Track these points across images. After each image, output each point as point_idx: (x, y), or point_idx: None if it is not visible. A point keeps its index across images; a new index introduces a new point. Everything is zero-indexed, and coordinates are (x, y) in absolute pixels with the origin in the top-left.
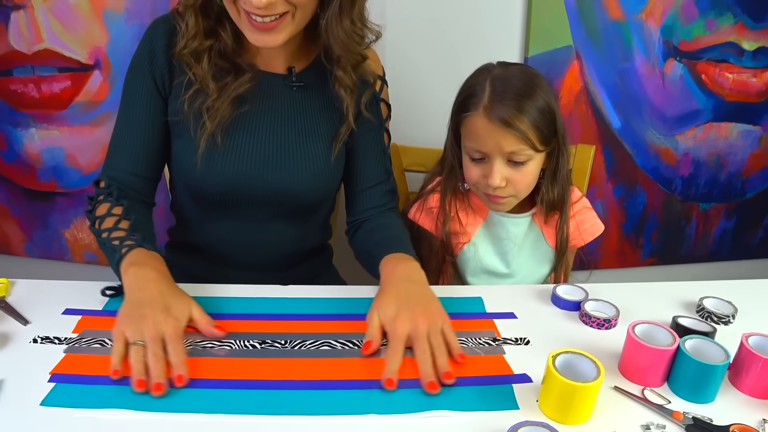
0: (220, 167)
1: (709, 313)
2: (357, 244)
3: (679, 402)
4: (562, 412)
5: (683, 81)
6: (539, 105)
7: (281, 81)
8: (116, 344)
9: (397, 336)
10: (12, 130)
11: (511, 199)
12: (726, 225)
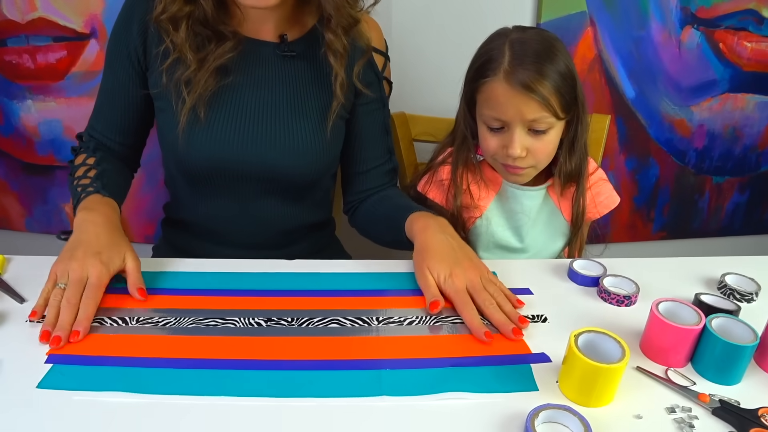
0: (202, 142)
1: (731, 290)
2: (361, 218)
3: (704, 383)
4: (585, 394)
5: (700, 50)
6: (560, 69)
7: (271, 49)
8: (47, 284)
9: (459, 291)
10: (8, 103)
11: (530, 170)
12: (739, 199)
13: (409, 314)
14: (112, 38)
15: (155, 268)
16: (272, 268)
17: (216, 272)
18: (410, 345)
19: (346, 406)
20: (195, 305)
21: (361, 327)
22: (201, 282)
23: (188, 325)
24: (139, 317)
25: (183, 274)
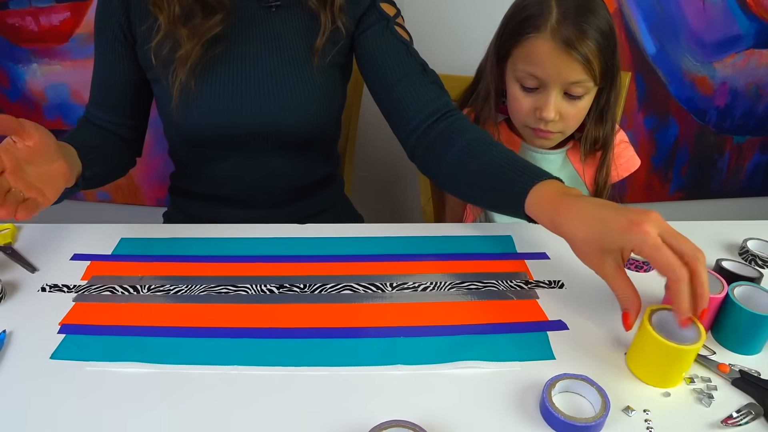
0: (198, 111)
1: (753, 256)
2: (446, 168)
3: (724, 353)
4: (655, 374)
5: (725, 3)
6: (605, 30)
7: (255, 3)
8: None
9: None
10: (13, 67)
11: (558, 135)
12: (760, 159)
13: (424, 280)
14: (96, 17)
15: (166, 234)
16: (284, 233)
17: (227, 238)
18: (425, 312)
19: (359, 375)
20: (206, 272)
21: (374, 293)
22: (212, 248)
23: (200, 292)
24: (151, 285)
25: (194, 240)
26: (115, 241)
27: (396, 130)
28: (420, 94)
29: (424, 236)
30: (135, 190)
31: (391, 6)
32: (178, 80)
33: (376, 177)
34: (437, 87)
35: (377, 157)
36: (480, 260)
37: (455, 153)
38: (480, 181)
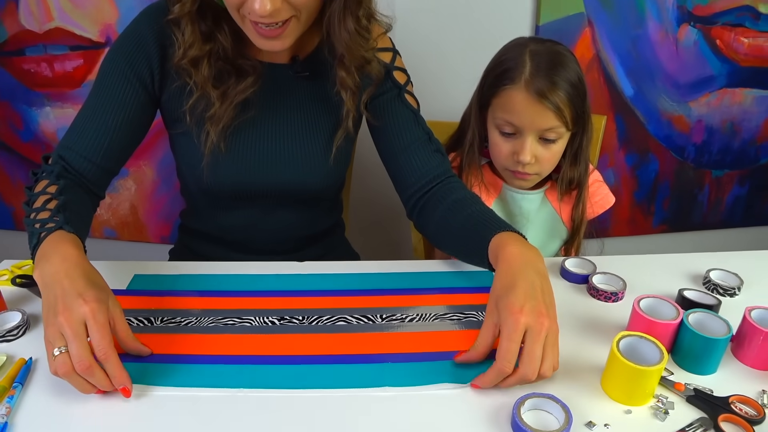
0: (224, 170)
1: (715, 285)
2: (433, 225)
3: (682, 373)
4: (627, 393)
5: (697, 47)
6: (573, 81)
7: (285, 71)
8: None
9: (518, 328)
10: (27, 110)
11: (535, 177)
12: (739, 192)
13: (411, 312)
14: (115, 54)
15: (173, 271)
16: (284, 270)
17: (231, 274)
18: (411, 340)
19: (350, 397)
20: (214, 306)
21: (366, 324)
22: (218, 284)
23: (208, 324)
24: (163, 317)
25: (201, 276)
26: (129, 277)
27: (399, 190)
28: (424, 162)
29: (411, 272)
30: (141, 227)
31: (402, 73)
32: (210, 141)
33: (371, 218)
34: (440, 155)
35: (372, 200)
36: (462, 294)
37: (441, 212)
38: (457, 236)
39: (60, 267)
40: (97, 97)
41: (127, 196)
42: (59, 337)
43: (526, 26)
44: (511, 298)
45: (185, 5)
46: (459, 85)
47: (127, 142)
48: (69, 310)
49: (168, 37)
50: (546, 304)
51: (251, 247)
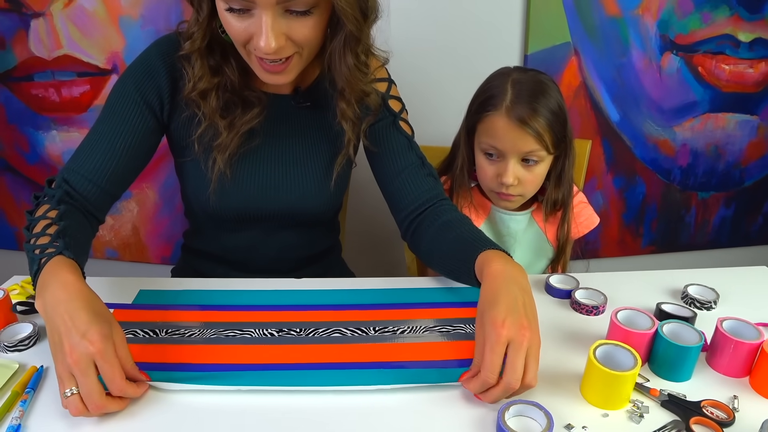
0: (231, 196)
1: (692, 299)
2: (424, 246)
3: (658, 381)
4: (604, 398)
5: (680, 74)
6: (554, 108)
7: (288, 101)
8: (62, 398)
9: (501, 341)
10: (34, 133)
11: (519, 198)
12: (725, 213)
13: (402, 325)
14: (126, 82)
15: (177, 287)
16: (282, 286)
17: (232, 290)
18: (402, 351)
19: (342, 398)
20: (215, 319)
21: (360, 336)
22: (220, 299)
23: (210, 335)
24: (168, 329)
25: (204, 292)
26: (134, 293)
27: (393, 212)
28: (417, 185)
29: (402, 288)
30: (142, 248)
31: (397, 102)
32: (217, 168)
33: (367, 241)
34: (432, 179)
35: (368, 224)
36: (450, 308)
37: (432, 233)
38: (447, 255)
39: (60, 296)
40: (105, 122)
41: (130, 218)
42: (69, 377)
43: (515, 55)
44: (494, 312)
45: (195, 42)
46: (451, 111)
47: (132, 166)
48: (76, 350)
49: (178, 70)
50: (528, 318)
51: (252, 267)
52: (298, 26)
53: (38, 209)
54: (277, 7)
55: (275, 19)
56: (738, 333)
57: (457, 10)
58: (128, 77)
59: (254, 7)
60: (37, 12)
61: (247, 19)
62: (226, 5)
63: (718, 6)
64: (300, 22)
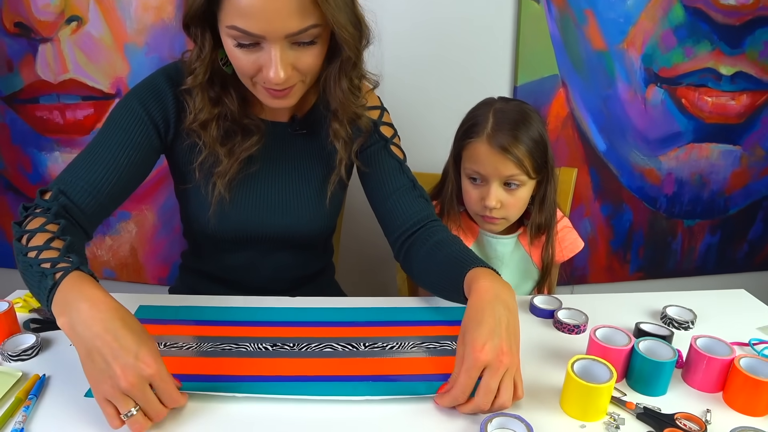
0: (230, 219)
1: (670, 320)
2: (416, 265)
3: (635, 395)
4: (582, 410)
5: (664, 105)
6: (534, 137)
7: (285, 129)
8: (108, 418)
9: (476, 364)
10: (37, 154)
11: (503, 221)
12: (711, 240)
13: (391, 341)
14: (130, 100)
15: (176, 303)
16: (277, 304)
17: (228, 307)
18: (391, 365)
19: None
20: (211, 333)
21: (350, 351)
22: (217, 315)
23: (207, 349)
24: (167, 342)
25: (202, 308)
26: (134, 308)
27: (386, 233)
28: (408, 206)
29: (391, 307)
30: (139, 269)
31: (389, 128)
32: (217, 192)
33: (360, 263)
34: (423, 200)
35: (360, 246)
36: (437, 326)
37: (423, 253)
38: (437, 274)
39: (93, 314)
40: (108, 136)
41: (128, 238)
42: (125, 398)
43: (505, 87)
44: (475, 334)
45: (197, 77)
46: (443, 139)
47: (131, 183)
48: (131, 373)
49: (183, 99)
50: (509, 341)
51: (248, 287)
52: (304, 56)
53: (29, 221)
54: (285, 41)
55: (284, 51)
56: (711, 350)
57: (449, 41)
58: (134, 96)
59: (263, 41)
60: (46, 37)
61: (256, 53)
62: (235, 42)
63: (700, 41)
64: (305, 52)
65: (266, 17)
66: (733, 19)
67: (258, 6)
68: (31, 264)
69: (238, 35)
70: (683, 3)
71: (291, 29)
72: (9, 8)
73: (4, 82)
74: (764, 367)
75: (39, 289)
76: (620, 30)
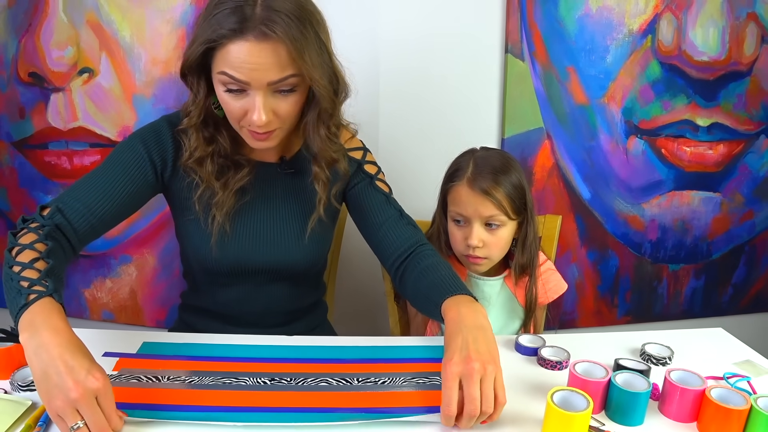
0: (230, 250)
1: (648, 356)
2: (408, 290)
3: (614, 425)
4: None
5: (645, 155)
6: (512, 181)
7: (274, 169)
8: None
9: (451, 376)
10: (42, 197)
11: (486, 261)
12: (696, 284)
13: (383, 377)
14: (132, 140)
15: (178, 340)
16: (275, 342)
17: (229, 344)
18: (383, 398)
19: None
20: (212, 368)
21: (344, 385)
22: (218, 351)
23: (209, 382)
24: (169, 376)
25: (203, 345)
26: (137, 345)
27: (382, 262)
28: (398, 235)
29: (383, 345)
30: (138, 311)
31: (373, 166)
32: (217, 223)
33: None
34: (412, 227)
35: (353, 292)
36: (427, 363)
37: (414, 278)
38: (424, 299)
39: (54, 340)
40: (109, 167)
41: (128, 281)
42: (73, 412)
43: (493, 139)
44: (446, 355)
45: (192, 118)
46: (431, 187)
47: (122, 211)
48: (81, 386)
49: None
50: (478, 351)
51: (243, 321)
52: (283, 104)
53: (23, 235)
54: (267, 89)
55: (266, 98)
56: (685, 382)
57: (441, 97)
58: (136, 136)
59: (249, 88)
60: (58, 87)
61: (242, 99)
62: (225, 87)
63: (677, 95)
64: (284, 100)
65: (251, 67)
66: (707, 74)
67: (243, 58)
68: (12, 278)
69: (228, 80)
70: (659, 60)
71: (272, 78)
72: (24, 59)
73: (16, 128)
74: (735, 397)
75: (12, 304)
76: (601, 85)
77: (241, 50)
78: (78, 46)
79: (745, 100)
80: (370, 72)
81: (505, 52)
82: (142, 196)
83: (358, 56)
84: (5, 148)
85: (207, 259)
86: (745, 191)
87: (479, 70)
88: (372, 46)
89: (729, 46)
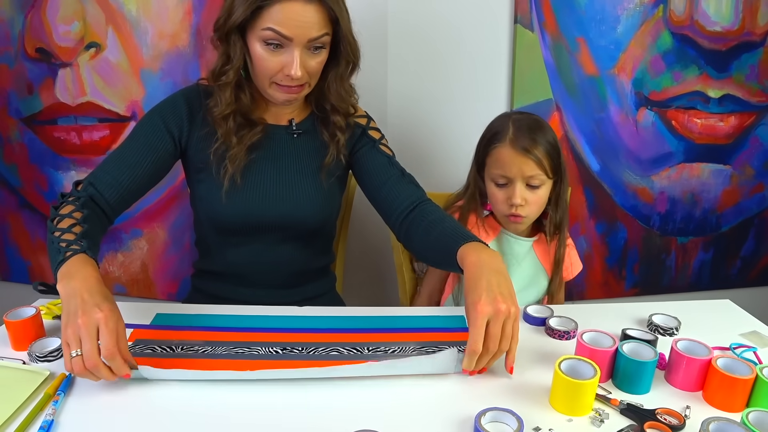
0: (239, 202)
1: (656, 326)
2: (415, 244)
3: (620, 393)
4: (569, 405)
5: (655, 127)
6: (549, 140)
7: (284, 131)
8: (65, 358)
9: (479, 316)
10: (53, 173)
11: (526, 219)
12: (704, 257)
13: (393, 345)
14: (152, 115)
15: (191, 312)
16: (286, 313)
17: (241, 315)
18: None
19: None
20: (225, 339)
21: (355, 354)
22: (230, 322)
23: (222, 352)
24: (183, 346)
25: (216, 315)
26: (150, 316)
27: (385, 220)
28: (400, 192)
29: (393, 315)
30: (150, 285)
31: (377, 131)
32: (228, 174)
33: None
34: (413, 185)
35: (362, 264)
36: (436, 332)
37: (421, 233)
38: (435, 251)
39: (81, 285)
40: (133, 142)
41: (139, 255)
42: (76, 340)
43: (502, 110)
44: (473, 296)
45: (229, 76)
46: (444, 159)
47: (148, 181)
48: (87, 315)
49: (197, 111)
50: (502, 293)
51: (256, 281)
52: (312, 62)
53: (63, 206)
54: (304, 46)
55: (302, 54)
56: (691, 351)
57: (451, 70)
58: (155, 111)
59: (289, 44)
60: (65, 62)
61: (280, 55)
62: (265, 43)
63: (688, 66)
64: (314, 58)
65: (296, 24)
66: (720, 45)
67: (292, 16)
68: (53, 241)
69: (272, 36)
70: (671, 30)
71: (312, 35)
72: (31, 34)
73: (24, 104)
74: (740, 366)
75: (53, 261)
76: (611, 56)
77: (291, 8)
78: (84, 20)
79: (757, 72)
80: (379, 40)
81: (514, 22)
82: (164, 164)
83: (368, 37)
84: (15, 124)
85: (218, 212)
86: (755, 164)
87: (488, 41)
88: (381, 15)
89: (742, 16)
